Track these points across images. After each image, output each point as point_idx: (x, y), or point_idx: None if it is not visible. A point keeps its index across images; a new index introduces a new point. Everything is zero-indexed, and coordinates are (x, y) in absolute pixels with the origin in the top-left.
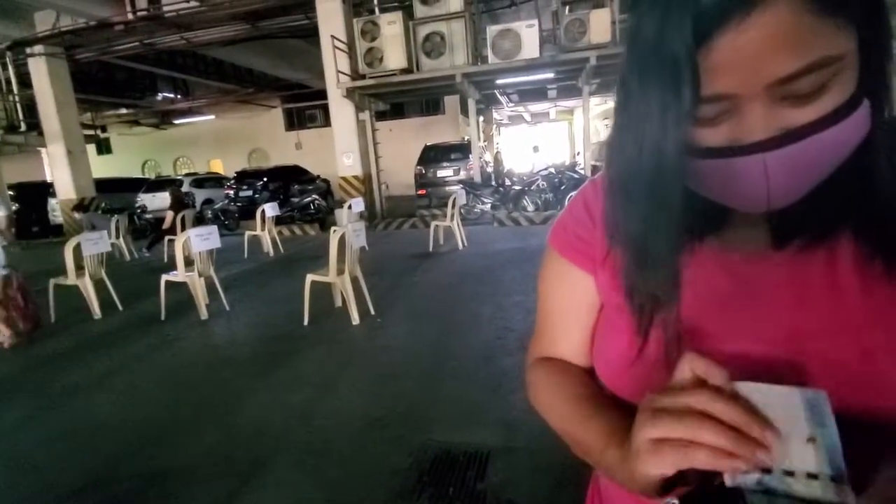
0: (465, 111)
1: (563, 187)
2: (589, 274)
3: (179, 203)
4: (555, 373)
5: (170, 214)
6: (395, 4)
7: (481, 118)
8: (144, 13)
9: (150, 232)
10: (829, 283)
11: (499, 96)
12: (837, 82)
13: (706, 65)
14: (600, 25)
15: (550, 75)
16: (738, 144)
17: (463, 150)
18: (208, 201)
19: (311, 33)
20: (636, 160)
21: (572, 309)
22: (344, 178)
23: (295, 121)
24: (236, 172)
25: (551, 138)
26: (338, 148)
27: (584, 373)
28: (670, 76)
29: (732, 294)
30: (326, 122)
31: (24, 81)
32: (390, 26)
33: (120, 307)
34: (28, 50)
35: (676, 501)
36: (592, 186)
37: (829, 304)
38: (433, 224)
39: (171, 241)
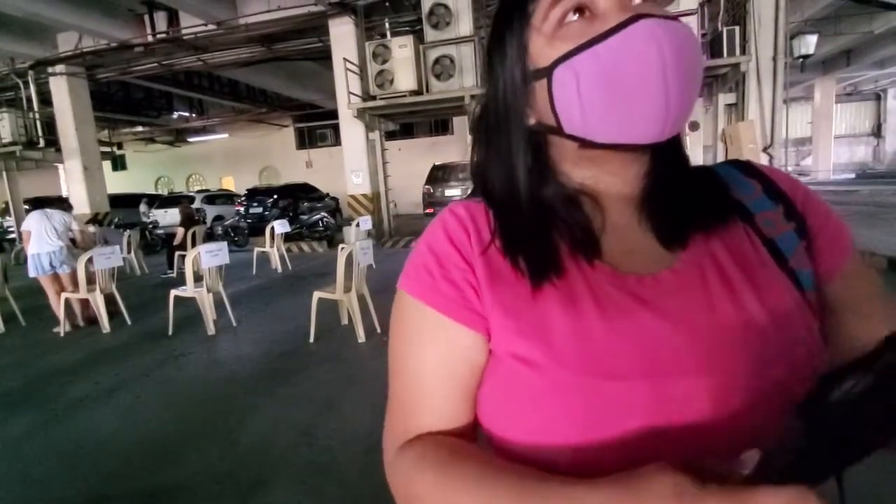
0: None
1: None
2: (465, 326)
3: (189, 219)
4: (462, 453)
5: (180, 231)
6: (407, 29)
7: None
8: (164, 35)
9: (161, 247)
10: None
11: None
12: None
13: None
14: None
15: None
16: (618, 22)
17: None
18: (219, 217)
19: (323, 55)
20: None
21: (449, 370)
22: (353, 197)
23: (306, 140)
24: (247, 189)
25: None
26: (347, 166)
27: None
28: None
29: (654, 325)
30: (337, 142)
31: (45, 99)
32: (401, 49)
33: (129, 321)
34: (50, 69)
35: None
36: (452, 216)
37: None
38: None
39: (181, 256)
